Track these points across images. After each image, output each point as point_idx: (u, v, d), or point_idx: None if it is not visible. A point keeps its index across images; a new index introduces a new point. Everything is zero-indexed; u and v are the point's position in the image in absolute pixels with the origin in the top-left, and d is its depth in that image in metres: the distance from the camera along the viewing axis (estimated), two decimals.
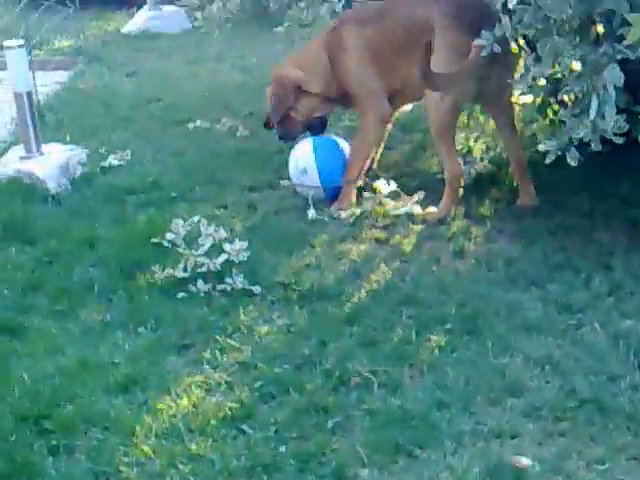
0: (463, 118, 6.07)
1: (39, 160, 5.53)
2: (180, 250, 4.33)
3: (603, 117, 4.00)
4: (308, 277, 4.31)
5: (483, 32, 4.35)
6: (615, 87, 3.98)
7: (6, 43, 5.51)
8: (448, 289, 4.17)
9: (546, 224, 4.80)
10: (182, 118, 6.93)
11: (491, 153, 5.69)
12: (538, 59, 4.22)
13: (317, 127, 5.40)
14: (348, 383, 3.50)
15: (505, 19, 4.26)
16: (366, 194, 5.15)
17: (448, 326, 3.84)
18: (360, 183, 5.21)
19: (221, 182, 5.61)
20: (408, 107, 5.54)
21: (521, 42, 4.60)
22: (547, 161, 4.31)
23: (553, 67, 4.28)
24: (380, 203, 5.06)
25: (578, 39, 4.16)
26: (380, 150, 5.51)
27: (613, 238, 4.61)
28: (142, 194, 5.40)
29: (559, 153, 4.28)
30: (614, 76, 3.98)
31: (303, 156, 5.26)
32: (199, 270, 4.27)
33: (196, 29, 10.35)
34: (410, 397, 3.39)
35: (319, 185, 5.21)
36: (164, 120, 6.95)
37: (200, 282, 4.21)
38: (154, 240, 4.45)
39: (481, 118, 6.05)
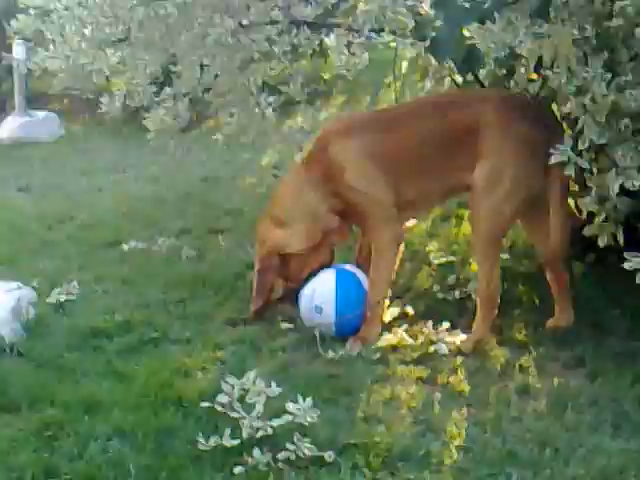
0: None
1: None
2: (233, 415, 3.55)
3: None
4: (376, 434, 3.62)
5: (559, 147, 3.89)
6: None
7: None
8: (548, 441, 3.57)
9: (600, 350, 4.32)
10: (110, 239, 6.17)
11: None
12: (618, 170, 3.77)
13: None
14: None
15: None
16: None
17: None
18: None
19: (198, 317, 4.87)
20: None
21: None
22: (638, 281, 3.84)
23: None
24: (403, 336, 4.46)
25: None
26: None
27: None
28: (117, 337, 4.58)
29: None
30: None
31: (322, 292, 4.57)
32: (250, 435, 3.51)
33: (71, 136, 9.64)
34: None
35: (332, 321, 4.55)
36: (90, 242, 6.16)
37: (257, 451, 3.45)
38: (203, 405, 3.64)
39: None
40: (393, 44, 7.48)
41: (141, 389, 3.95)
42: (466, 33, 4.31)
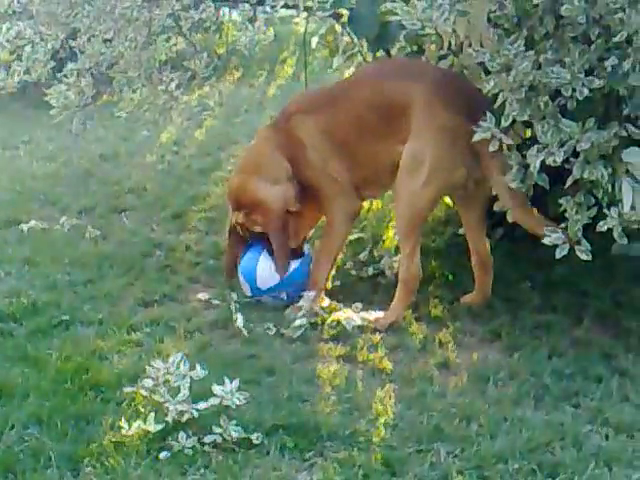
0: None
1: None
2: (157, 398, 3.46)
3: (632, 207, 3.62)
4: (302, 414, 3.58)
5: (482, 123, 3.88)
6: None
7: None
8: (473, 416, 3.58)
9: (515, 323, 4.38)
10: (7, 219, 5.96)
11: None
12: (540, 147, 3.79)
13: None
14: None
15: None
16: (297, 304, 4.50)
17: (515, 466, 3.25)
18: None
19: (108, 297, 4.73)
20: None
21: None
22: (557, 256, 3.88)
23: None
24: (318, 313, 4.43)
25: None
26: None
27: (598, 335, 4.26)
28: (25, 321, 4.41)
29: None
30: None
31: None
32: (176, 419, 3.43)
33: None
34: None
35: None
36: None
37: (182, 435, 3.38)
38: (127, 390, 3.54)
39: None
40: (296, 20, 7.44)
41: (56, 374, 3.82)
42: (382, 9, 4.30)
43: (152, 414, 3.42)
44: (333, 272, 4.80)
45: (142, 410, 3.51)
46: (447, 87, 4.29)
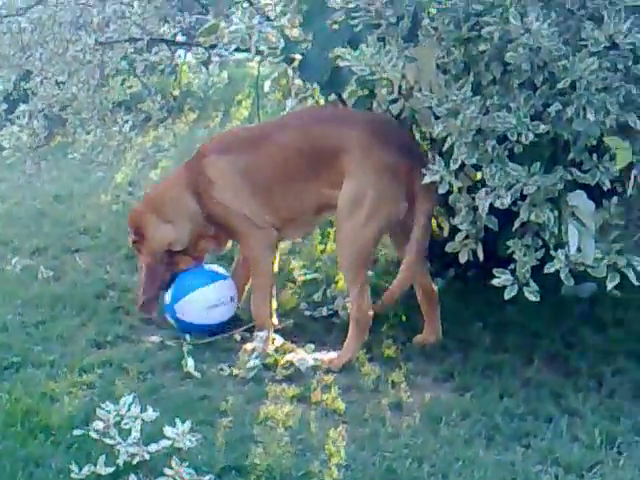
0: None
1: None
2: (108, 441, 3.44)
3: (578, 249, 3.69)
4: (254, 455, 3.59)
5: (431, 166, 3.95)
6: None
7: None
8: (425, 456, 3.61)
9: (467, 363, 4.42)
10: None
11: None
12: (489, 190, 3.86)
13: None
14: None
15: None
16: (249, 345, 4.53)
17: None
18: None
19: (60, 339, 4.71)
20: None
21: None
22: (506, 297, 3.93)
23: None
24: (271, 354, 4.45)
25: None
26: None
27: (549, 375, 4.31)
28: None
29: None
30: (585, 203, 3.71)
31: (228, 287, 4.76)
32: (127, 462, 3.42)
33: None
34: None
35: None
36: None
37: (133, 478, 3.37)
38: (77, 432, 3.52)
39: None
40: (250, 63, 7.50)
41: (5, 417, 3.79)
42: (332, 55, 4.36)
43: (103, 457, 3.41)
44: (287, 311, 4.86)
45: (93, 453, 3.49)
46: (378, 129, 4.41)
